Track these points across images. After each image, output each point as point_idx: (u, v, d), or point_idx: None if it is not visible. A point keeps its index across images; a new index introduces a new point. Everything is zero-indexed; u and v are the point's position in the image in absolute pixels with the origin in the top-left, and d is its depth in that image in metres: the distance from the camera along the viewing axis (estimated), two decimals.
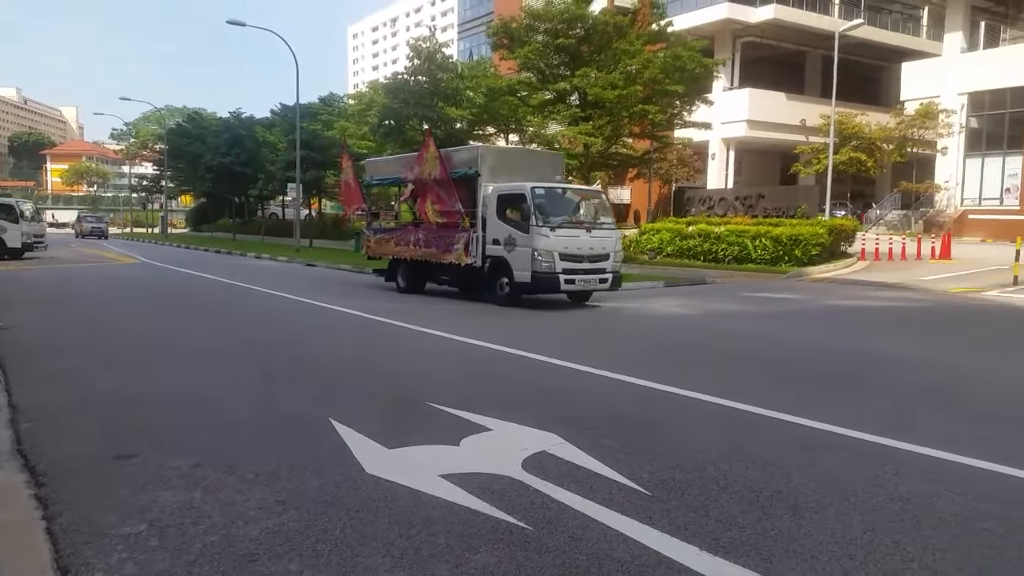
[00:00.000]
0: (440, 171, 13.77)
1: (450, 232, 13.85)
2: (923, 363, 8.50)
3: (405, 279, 15.61)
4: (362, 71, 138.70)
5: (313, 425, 5.40)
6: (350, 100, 47.41)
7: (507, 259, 12.74)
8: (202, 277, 19.51)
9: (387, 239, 15.93)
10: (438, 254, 14.19)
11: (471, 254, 13.33)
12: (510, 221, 12.85)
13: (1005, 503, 4.04)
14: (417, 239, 14.82)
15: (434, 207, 14.17)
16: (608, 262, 12.98)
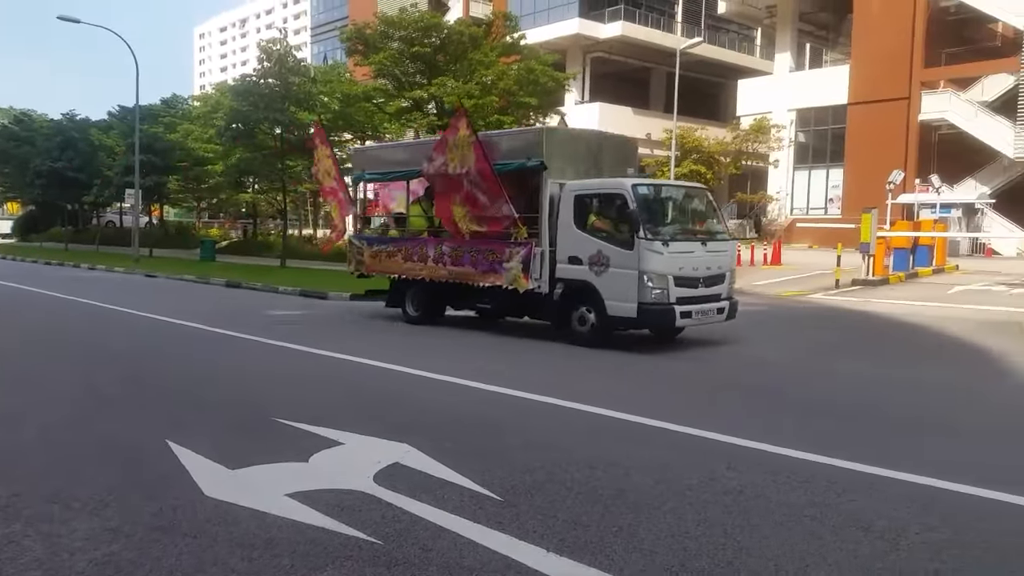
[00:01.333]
0: (479, 162, 10.34)
1: (496, 246, 10.56)
2: (760, 364, 9.10)
3: (417, 305, 12.21)
4: (209, 72, 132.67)
5: (148, 448, 5.08)
6: (195, 102, 45.19)
7: (594, 284, 9.56)
8: (27, 291, 17.95)
9: (391, 253, 12.29)
10: (476, 275, 10.83)
11: (533, 276, 10.09)
12: (597, 231, 9.70)
13: (825, 491, 4.38)
14: (440, 254, 11.38)
15: (467, 211, 10.73)
16: (724, 285, 10.08)
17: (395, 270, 12.26)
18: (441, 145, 10.98)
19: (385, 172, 13.01)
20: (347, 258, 13.49)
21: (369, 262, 12.76)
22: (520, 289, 10.23)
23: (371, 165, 13.37)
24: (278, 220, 35.75)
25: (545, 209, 10.14)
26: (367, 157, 14.05)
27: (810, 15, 42.81)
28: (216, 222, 54.91)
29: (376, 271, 12.76)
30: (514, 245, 10.33)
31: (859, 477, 4.63)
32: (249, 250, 33.47)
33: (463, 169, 10.54)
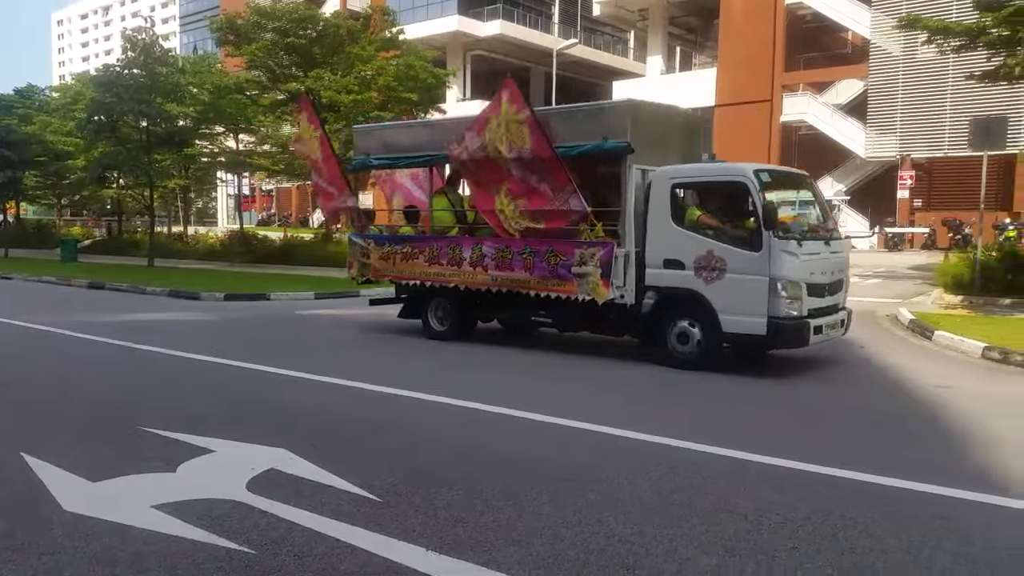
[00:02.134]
0: (537, 144, 8.44)
1: (561, 247, 8.69)
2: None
3: (444, 317, 10.29)
4: (69, 62, 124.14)
5: (1, 462, 4.75)
6: (54, 93, 42.27)
7: (702, 294, 7.87)
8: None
9: (409, 254, 10.27)
10: (532, 281, 8.91)
11: (614, 284, 8.27)
12: (705, 228, 8.05)
13: (693, 476, 4.61)
14: (479, 256, 9.43)
15: (518, 204, 8.89)
16: (843, 293, 8.57)
17: (414, 275, 10.22)
18: (479, 124, 9.03)
19: (397, 156, 10.72)
20: (347, 261, 11.35)
21: (378, 265, 10.64)
22: (599, 300, 8.39)
23: (379, 148, 10.97)
24: (145, 217, 33.97)
25: (630, 201, 8.34)
26: (373, 139, 11.33)
27: (680, 19, 44.53)
28: (79, 220, 51.60)
29: (387, 276, 10.72)
30: (588, 246, 8.47)
31: (728, 462, 4.90)
32: (115, 249, 31.67)
33: (512, 153, 8.66)
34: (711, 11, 39.89)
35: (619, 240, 8.38)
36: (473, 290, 9.66)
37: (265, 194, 56.81)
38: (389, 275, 10.69)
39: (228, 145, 31.76)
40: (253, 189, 52.52)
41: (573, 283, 8.58)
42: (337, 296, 15.83)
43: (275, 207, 56.98)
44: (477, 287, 9.57)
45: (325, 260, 23.55)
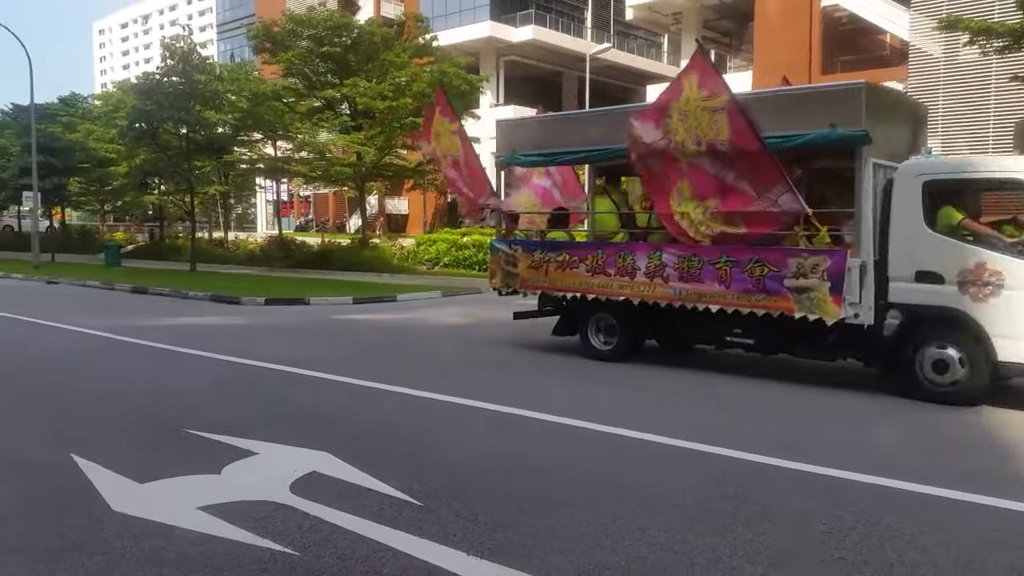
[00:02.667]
0: (740, 134, 7.21)
1: (770, 255, 7.42)
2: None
3: (608, 335, 9.10)
4: (111, 70, 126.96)
5: (53, 463, 4.87)
6: (96, 101, 43.25)
7: (968, 314, 6.67)
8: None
9: (565, 262, 9.09)
10: (732, 296, 7.65)
11: (848, 300, 7.05)
12: (973, 236, 6.84)
13: (736, 485, 4.57)
14: (657, 266, 8.19)
15: (706, 204, 7.70)
16: None
17: (573, 287, 9.03)
18: (656, 112, 7.85)
19: (554, 153, 9.50)
20: (489, 270, 10.35)
21: (526, 275, 9.51)
22: (828, 319, 7.08)
23: (529, 144, 9.78)
24: (187, 223, 34.59)
25: (868, 201, 7.16)
26: (522, 133, 10.12)
27: (714, 22, 44.20)
28: (121, 225, 52.71)
29: (537, 287, 9.53)
30: (809, 254, 7.22)
31: (770, 471, 4.85)
32: (156, 254, 32.29)
33: (701, 146, 7.45)
34: (746, 14, 39.54)
35: (852, 248, 7.13)
36: (649, 305, 8.37)
37: (303, 200, 57.45)
38: (540, 286, 9.45)
39: (266, 152, 32.19)
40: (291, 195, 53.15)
41: (788, 299, 7.28)
42: (374, 301, 15.98)
43: (312, 213, 57.61)
44: (654, 301, 8.29)
45: (361, 265, 23.84)
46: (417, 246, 26.15)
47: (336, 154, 28.10)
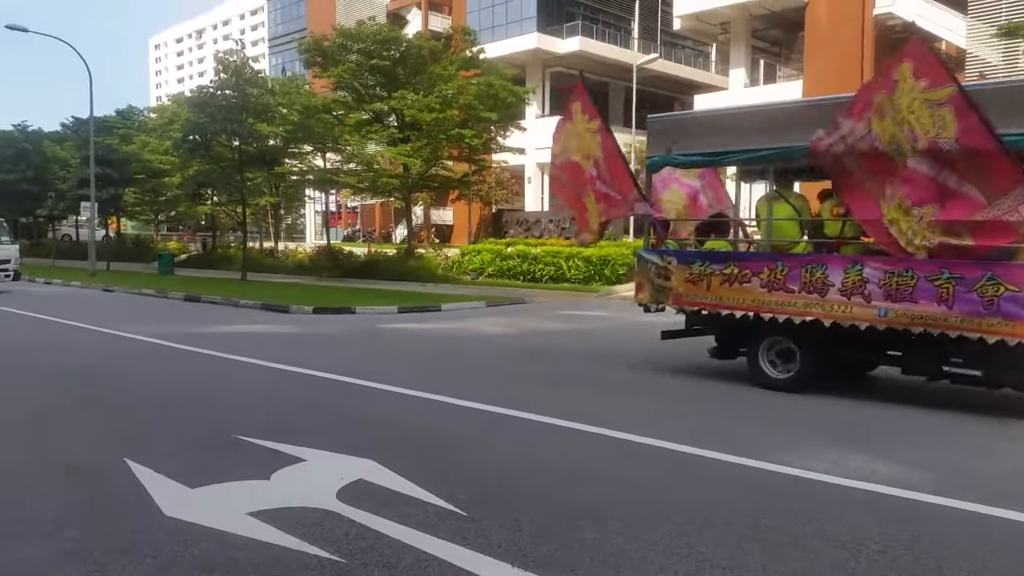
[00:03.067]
0: (971, 132, 6.28)
1: (1009, 273, 6.41)
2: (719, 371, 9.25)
3: (787, 361, 7.94)
4: (165, 84, 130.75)
5: (107, 468, 4.99)
6: (152, 114, 44.53)
7: None
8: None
9: (733, 276, 7.98)
10: (955, 318, 6.59)
11: None
12: None
13: (799, 499, 4.47)
14: (858, 281, 7.10)
15: (922, 211, 6.71)
16: None
17: (743, 304, 7.91)
18: (860, 105, 6.96)
19: (721, 152, 8.34)
20: (635, 283, 9.12)
21: (682, 289, 8.36)
22: None
23: (692, 139, 8.59)
24: (238, 233, 35.32)
25: None
26: (679, 130, 8.87)
27: (763, 32, 43.71)
28: (175, 235, 54.04)
29: (696, 304, 8.35)
30: None
31: (830, 489, 4.74)
32: (209, 263, 33.05)
33: (919, 143, 6.52)
34: (796, 23, 39.01)
35: None
36: (844, 327, 7.21)
37: (350, 210, 58.27)
38: (700, 302, 8.27)
39: (316, 163, 32.74)
40: (339, 206, 53.94)
41: None
42: (419, 310, 16.10)
43: (359, 223, 58.37)
44: (850, 323, 7.16)
45: (407, 274, 24.08)
46: (462, 256, 26.30)
47: (383, 165, 28.46)
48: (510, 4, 45.29)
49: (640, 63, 33.84)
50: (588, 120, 9.15)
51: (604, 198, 9.03)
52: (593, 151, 9.04)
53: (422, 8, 50.60)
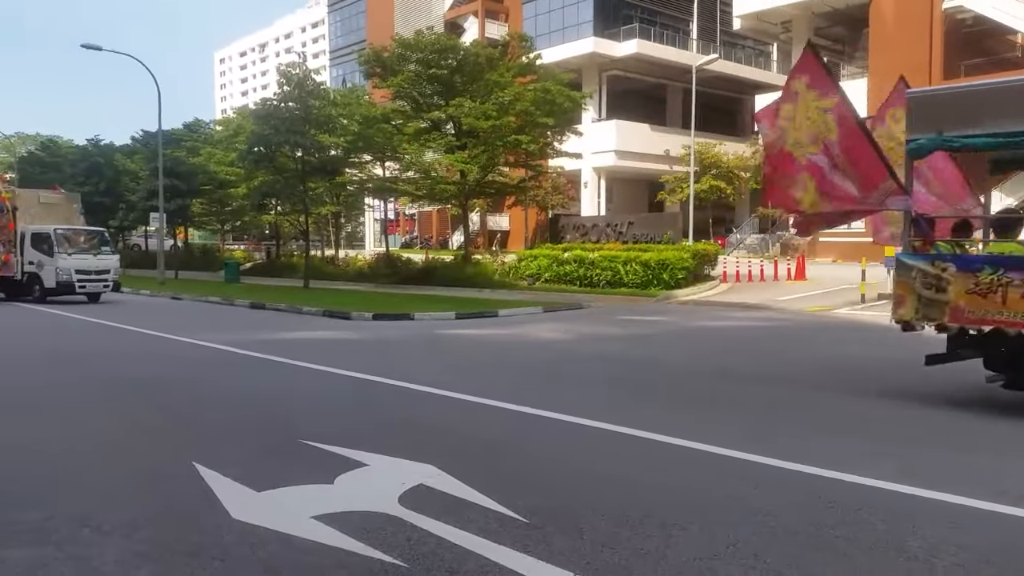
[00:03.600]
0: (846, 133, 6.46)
1: None
2: (782, 379, 9.02)
3: None
4: (230, 97, 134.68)
5: (177, 471, 5.13)
6: (217, 126, 45.89)
7: None
8: (53, 314, 18.19)
9: None
10: None
11: None
12: None
13: (857, 510, 4.33)
14: None
15: None
16: None
17: None
18: None
19: (1006, 133, 6.65)
20: (894, 296, 7.45)
21: (964, 303, 6.80)
22: None
23: (962, 120, 6.96)
24: (301, 241, 36.12)
25: None
26: (951, 108, 7.25)
27: (825, 30, 42.75)
28: (240, 244, 55.53)
29: (986, 322, 6.75)
30: None
31: (888, 496, 4.57)
32: (272, 271, 33.85)
33: None
34: (860, 20, 38.06)
35: None
36: None
37: (408, 218, 59.02)
38: (992, 320, 6.68)
39: (375, 172, 33.24)
40: (397, 213, 54.69)
41: None
42: (476, 316, 16.18)
43: (417, 230, 59.07)
44: None
45: (463, 281, 24.23)
46: (518, 262, 26.34)
47: (441, 173, 28.72)
48: (567, 9, 45.28)
49: (699, 64, 33.45)
50: (819, 96, 7.49)
51: (836, 194, 7.47)
52: (825, 133, 7.44)
53: (479, 16, 51.00)
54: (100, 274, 21.00)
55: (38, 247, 20.62)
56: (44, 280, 20.48)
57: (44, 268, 20.46)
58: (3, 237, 21.36)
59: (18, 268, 21.01)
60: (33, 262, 20.69)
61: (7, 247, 21.15)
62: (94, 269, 20.84)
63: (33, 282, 20.76)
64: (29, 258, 20.76)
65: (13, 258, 20.97)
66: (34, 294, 20.70)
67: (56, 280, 20.27)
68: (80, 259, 20.67)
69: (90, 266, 20.76)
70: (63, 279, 20.31)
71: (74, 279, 20.49)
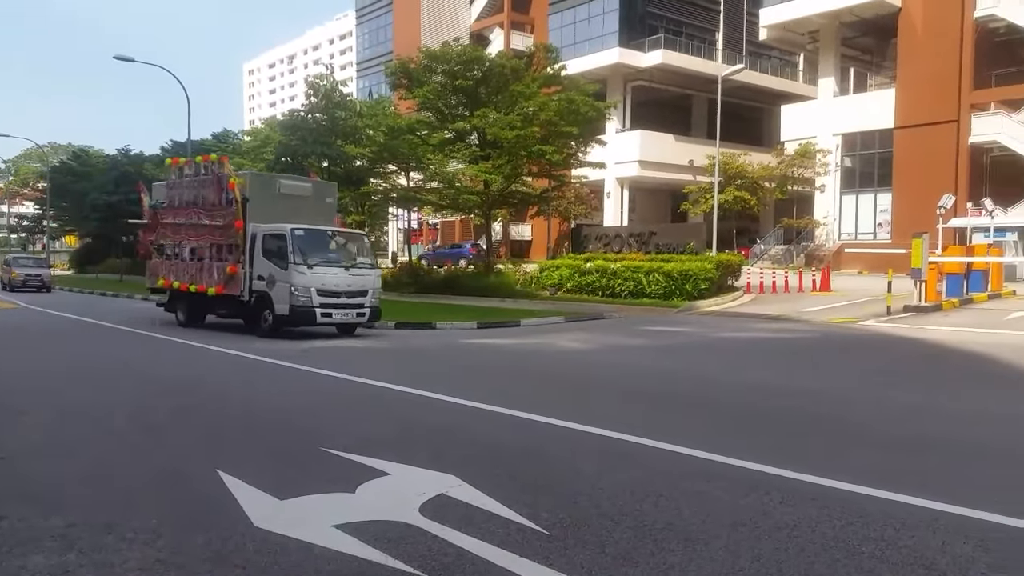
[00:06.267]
0: None
1: None
2: (809, 392, 8.91)
3: None
4: (258, 108, 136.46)
5: (199, 477, 5.16)
6: (246, 136, 46.47)
7: None
8: (82, 321, 18.48)
9: None
10: None
11: None
12: None
13: (884, 526, 4.25)
14: None
15: None
16: None
17: None
18: None
19: None
20: None
21: None
22: None
23: None
24: None
25: None
26: None
27: (853, 40, 42.41)
28: None
29: None
30: None
31: (916, 511, 4.49)
32: None
33: None
34: (888, 30, 37.72)
35: None
36: None
37: (431, 227, 59.23)
38: None
39: (400, 182, 33.44)
40: (420, 222, 54.91)
41: None
42: (498, 326, 16.17)
43: (440, 239, 59.26)
44: None
45: (485, 290, 24.25)
46: (540, 271, 26.32)
47: (464, 183, 28.81)
48: (592, 20, 45.35)
49: (725, 74, 33.31)
50: None
51: None
52: None
53: (505, 28, 51.22)
54: (353, 297, 14.45)
55: (270, 255, 14.47)
56: (275, 303, 14.23)
57: (275, 286, 14.22)
58: (228, 239, 15.18)
59: (245, 284, 14.81)
60: (263, 277, 14.47)
61: (234, 254, 15.08)
62: (344, 290, 14.30)
63: (262, 305, 14.58)
64: (259, 271, 14.53)
65: (241, 270, 14.82)
66: (264, 323, 14.57)
67: (290, 304, 13.97)
68: (326, 274, 14.17)
69: (339, 284, 14.26)
70: (300, 303, 13.92)
71: (314, 304, 13.98)
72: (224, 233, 15.20)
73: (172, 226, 16.98)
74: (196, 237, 16.15)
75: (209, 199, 15.71)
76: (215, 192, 15.57)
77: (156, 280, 17.46)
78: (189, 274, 16.15)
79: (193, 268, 16.04)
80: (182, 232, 16.61)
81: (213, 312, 16.29)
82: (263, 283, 14.41)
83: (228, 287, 14.96)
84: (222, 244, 15.34)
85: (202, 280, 15.69)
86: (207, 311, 16.45)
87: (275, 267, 14.18)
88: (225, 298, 15.23)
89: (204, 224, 15.81)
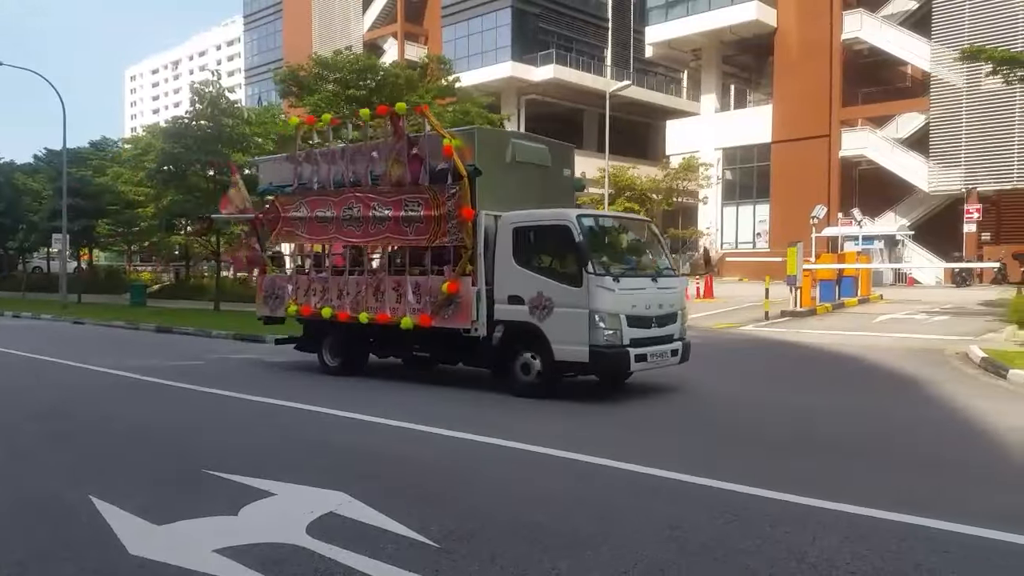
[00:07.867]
0: None
1: None
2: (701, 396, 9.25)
3: None
4: (141, 115, 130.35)
5: (70, 505, 4.88)
6: (126, 145, 44.29)
7: None
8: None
9: None
10: None
11: None
12: None
13: (759, 523, 4.45)
14: None
15: None
16: None
17: None
18: None
19: None
20: None
21: None
22: None
23: None
24: (212, 262, 35.04)
25: None
26: None
27: (733, 58, 44.47)
28: (148, 266, 53.50)
29: None
30: None
31: (791, 508, 4.73)
32: (182, 294, 32.70)
33: None
34: (765, 49, 39.76)
35: None
36: None
37: None
38: None
39: None
40: None
41: None
42: None
43: None
44: None
45: None
46: None
47: None
48: (485, 33, 45.76)
49: (613, 90, 34.27)
50: None
51: None
52: None
53: (398, 38, 50.99)
54: (664, 325, 9.19)
55: (532, 263, 9.22)
56: (552, 341, 8.70)
57: (552, 314, 8.69)
58: (438, 237, 9.69)
59: (478, 311, 9.26)
60: (521, 298, 8.98)
61: (452, 262, 9.70)
62: (656, 313, 9.04)
63: (515, 343, 9.12)
64: (510, 288, 9.11)
65: (467, 288, 9.34)
66: (521, 374, 9.03)
67: (590, 343, 8.49)
68: (634, 290, 8.84)
69: (650, 305, 8.97)
70: (606, 341, 8.48)
71: (625, 341, 8.57)
72: (428, 228, 9.72)
73: (310, 221, 11.42)
74: (363, 237, 10.73)
75: (392, 175, 10.27)
76: (405, 163, 10.12)
77: (283, 306, 11.77)
78: (352, 295, 10.68)
79: (360, 286, 10.62)
80: (332, 230, 11.08)
81: (393, 352, 11.14)
82: (522, 308, 8.97)
83: (442, 316, 9.59)
84: (423, 246, 9.99)
85: (384, 306, 10.23)
86: (379, 351, 11.37)
87: (549, 281, 8.87)
88: (434, 334, 9.87)
89: (381, 216, 10.30)
